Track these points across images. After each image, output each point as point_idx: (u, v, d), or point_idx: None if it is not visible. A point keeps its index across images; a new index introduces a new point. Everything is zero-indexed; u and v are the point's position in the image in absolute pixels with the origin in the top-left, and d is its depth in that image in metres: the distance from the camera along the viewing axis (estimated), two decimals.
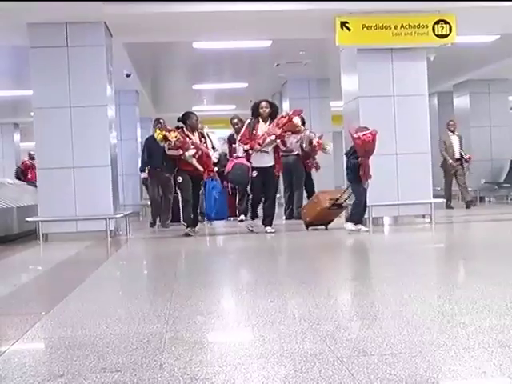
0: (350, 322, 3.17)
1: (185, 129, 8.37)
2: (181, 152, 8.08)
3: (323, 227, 8.61)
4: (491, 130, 14.29)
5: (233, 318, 3.33)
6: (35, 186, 9.18)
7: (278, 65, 12.22)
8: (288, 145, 8.91)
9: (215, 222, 9.87)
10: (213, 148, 8.94)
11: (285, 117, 8.27)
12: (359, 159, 7.92)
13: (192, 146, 8.19)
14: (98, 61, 8.44)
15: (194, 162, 8.18)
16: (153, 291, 4.52)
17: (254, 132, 8.24)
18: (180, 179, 8.27)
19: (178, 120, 8.55)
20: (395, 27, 8.55)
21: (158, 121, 10.46)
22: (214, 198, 8.41)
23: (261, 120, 8.35)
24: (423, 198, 8.97)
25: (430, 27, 8.54)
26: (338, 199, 8.41)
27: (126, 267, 6.27)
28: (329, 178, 13.31)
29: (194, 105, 15.89)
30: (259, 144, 8.13)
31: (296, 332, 2.98)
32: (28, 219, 8.33)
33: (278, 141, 8.19)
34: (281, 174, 9.18)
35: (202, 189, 8.63)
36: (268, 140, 8.11)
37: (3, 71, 12.08)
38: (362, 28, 8.49)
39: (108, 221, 8.23)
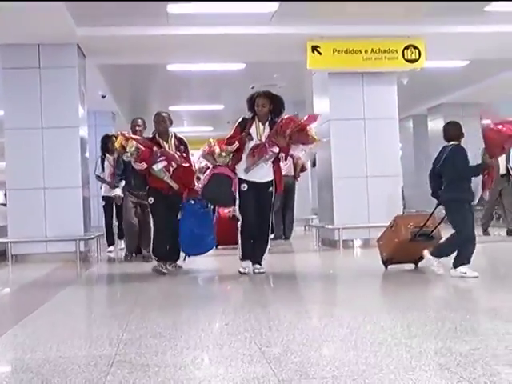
0: (299, 345, 3.19)
1: (156, 136, 6.68)
2: (144, 165, 6.44)
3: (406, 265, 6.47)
4: None
5: (184, 341, 3.33)
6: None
7: (253, 87, 12.26)
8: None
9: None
10: None
11: (294, 122, 6.21)
12: (488, 161, 6.02)
13: (161, 158, 6.43)
14: (70, 82, 8.46)
15: (166, 178, 6.45)
16: (111, 315, 4.50)
17: (246, 132, 6.26)
18: (151, 200, 6.58)
19: None
20: (365, 51, 8.67)
21: (133, 122, 8.11)
22: (190, 227, 6.45)
23: (257, 119, 6.36)
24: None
25: (400, 52, 8.68)
26: (423, 226, 6.10)
27: (89, 290, 6.24)
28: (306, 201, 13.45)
29: (173, 126, 15.90)
30: (253, 156, 6.19)
31: (244, 355, 3.00)
32: None
33: (283, 154, 6.38)
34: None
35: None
36: (269, 154, 6.17)
37: None
38: (333, 52, 8.60)
39: (78, 242, 8.19)
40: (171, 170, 6.47)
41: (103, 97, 11.67)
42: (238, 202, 6.31)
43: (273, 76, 11.37)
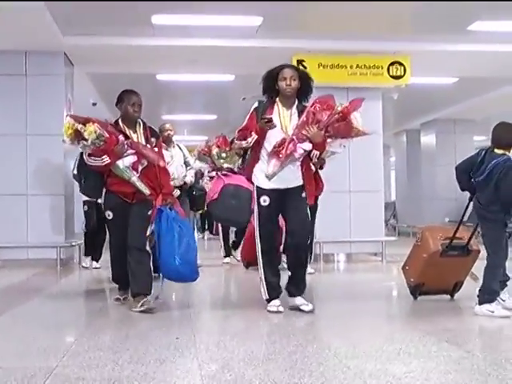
0: (239, 362, 3.21)
1: (120, 122, 5.04)
2: (107, 160, 4.79)
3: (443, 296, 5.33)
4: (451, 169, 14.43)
5: (129, 355, 3.35)
6: None
7: (244, 98, 12.33)
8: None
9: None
10: (185, 164, 7.32)
11: (332, 107, 4.63)
12: None
13: (129, 151, 4.88)
14: (57, 90, 8.51)
15: (134, 179, 4.88)
16: (68, 325, 4.54)
17: (266, 118, 4.56)
18: (109, 215, 5.01)
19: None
20: (351, 67, 8.72)
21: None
22: (175, 239, 4.79)
23: (279, 102, 4.69)
24: (375, 235, 9.05)
25: (385, 68, 8.71)
26: (454, 236, 5.01)
27: (56, 300, 5.99)
28: None
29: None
30: (278, 154, 4.56)
31: (181, 371, 3.02)
32: None
33: (317, 152, 4.68)
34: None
35: (153, 225, 4.95)
36: (299, 153, 4.58)
37: None
38: (318, 67, 8.64)
39: (59, 249, 8.23)
40: (140, 168, 4.94)
41: (94, 104, 11.71)
42: (256, 222, 4.73)
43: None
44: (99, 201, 6.10)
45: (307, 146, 4.59)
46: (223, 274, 7.97)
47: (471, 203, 4.82)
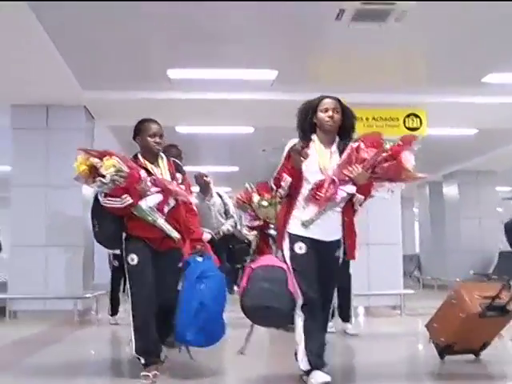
0: None
1: (140, 156, 4.41)
2: (128, 201, 4.12)
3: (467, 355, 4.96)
4: (480, 220, 14.30)
5: None
6: None
7: (264, 150, 12.44)
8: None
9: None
10: (225, 213, 7.13)
11: (380, 145, 4.06)
12: None
13: (153, 189, 4.24)
14: (77, 143, 8.55)
15: (160, 221, 4.23)
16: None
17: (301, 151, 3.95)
18: (132, 260, 4.20)
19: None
20: (367, 119, 8.76)
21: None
22: (198, 299, 4.12)
23: (317, 139, 4.12)
24: (394, 288, 8.93)
25: (401, 120, 8.74)
26: (496, 297, 4.70)
27: (64, 353, 5.83)
28: None
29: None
30: (318, 198, 3.93)
31: None
32: None
33: (361, 197, 4.05)
34: None
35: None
36: (340, 196, 3.94)
37: None
38: None
39: (76, 301, 8.26)
40: (166, 209, 4.28)
41: None
42: (293, 273, 3.95)
43: (281, 140, 11.48)
44: None
45: (350, 188, 3.93)
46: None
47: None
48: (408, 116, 8.74)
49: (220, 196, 7.19)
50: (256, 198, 6.91)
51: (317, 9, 5.83)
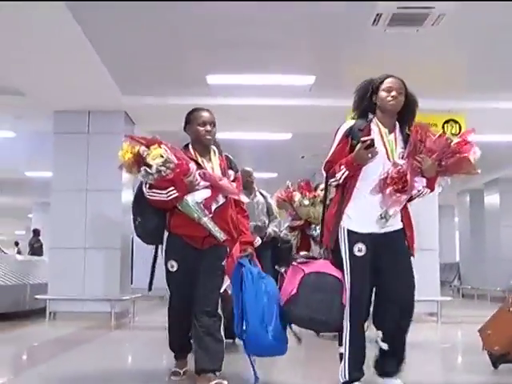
0: None
1: (191, 147, 4.06)
2: (173, 194, 3.78)
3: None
4: None
5: None
6: None
7: (303, 157, 12.47)
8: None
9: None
10: (268, 216, 6.72)
11: (447, 138, 3.70)
12: None
13: (202, 183, 3.85)
14: (117, 147, 8.69)
15: (206, 219, 3.83)
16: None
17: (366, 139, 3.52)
18: (172, 266, 3.94)
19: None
20: None
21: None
22: (265, 304, 3.72)
23: (379, 122, 3.69)
24: (431, 295, 8.82)
25: (440, 126, 8.64)
26: None
27: (93, 354, 5.88)
28: None
29: None
30: (401, 188, 3.50)
31: None
32: (37, 297, 8.56)
33: (427, 190, 3.65)
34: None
35: (228, 281, 4.03)
36: (419, 188, 3.60)
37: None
38: None
39: (113, 303, 8.38)
40: (213, 207, 3.91)
41: None
42: (347, 279, 3.57)
43: (321, 146, 11.47)
44: None
45: (422, 181, 3.57)
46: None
47: None
48: (447, 122, 8.65)
49: (263, 195, 6.96)
50: (298, 196, 6.67)
51: (354, 14, 5.85)
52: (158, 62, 7.35)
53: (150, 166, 3.66)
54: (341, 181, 3.59)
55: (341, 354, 3.63)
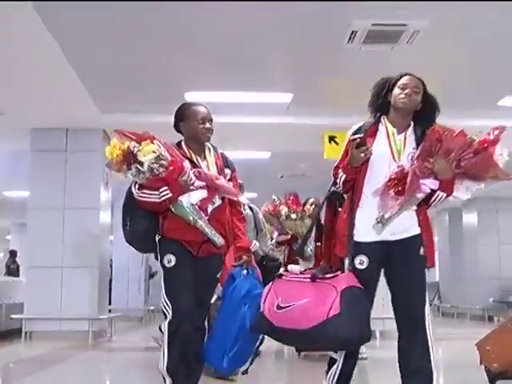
0: None
1: (184, 145, 3.70)
2: (167, 194, 3.41)
3: None
4: (499, 247, 14.18)
5: None
6: None
7: (282, 176, 12.50)
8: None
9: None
10: (256, 232, 6.17)
11: (465, 136, 3.24)
12: None
13: (197, 183, 3.49)
14: (95, 165, 8.80)
15: (202, 222, 3.48)
16: None
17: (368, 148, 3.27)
18: (169, 260, 3.48)
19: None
20: None
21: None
22: (240, 318, 3.45)
23: (388, 122, 3.41)
24: None
25: None
26: None
27: (65, 373, 5.85)
28: None
29: None
30: (397, 191, 3.24)
31: None
32: (12, 316, 8.46)
33: (442, 194, 3.25)
34: None
35: (219, 290, 3.76)
36: (426, 191, 3.22)
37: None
38: None
39: (91, 322, 8.29)
40: (210, 209, 3.56)
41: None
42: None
43: (299, 166, 11.54)
44: None
45: (433, 183, 3.23)
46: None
47: None
48: None
49: (251, 209, 6.40)
50: (284, 210, 6.51)
51: (329, 31, 5.92)
52: (136, 80, 7.37)
53: (141, 164, 3.31)
54: (341, 185, 3.35)
55: (332, 359, 3.37)
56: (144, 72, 7.11)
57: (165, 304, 3.45)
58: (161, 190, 3.37)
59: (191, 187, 3.45)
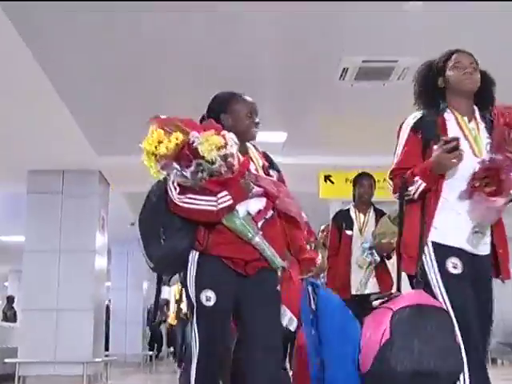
0: None
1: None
2: (227, 202, 2.67)
3: None
4: (500, 285, 13.98)
5: None
6: None
7: None
8: None
9: None
10: None
11: None
12: None
13: (255, 189, 2.75)
14: (91, 208, 8.81)
15: (259, 239, 2.73)
16: None
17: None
18: (209, 299, 2.70)
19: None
20: (378, 181, 8.75)
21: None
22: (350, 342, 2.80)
23: (454, 110, 2.82)
24: None
25: None
26: None
27: None
28: None
29: None
30: (490, 192, 2.61)
31: None
32: (6, 360, 8.35)
33: None
34: None
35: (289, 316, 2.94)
36: None
37: None
38: (345, 181, 8.73)
39: (85, 365, 8.17)
40: (260, 222, 2.81)
41: (132, 224, 11.99)
42: (443, 304, 2.57)
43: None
44: None
45: None
46: None
47: None
48: None
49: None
50: None
51: (320, 68, 5.97)
52: (132, 122, 7.35)
53: (209, 162, 2.62)
54: (416, 196, 2.74)
55: None
56: (140, 114, 7.03)
57: (195, 339, 2.75)
58: (219, 196, 2.66)
59: (248, 189, 2.73)
